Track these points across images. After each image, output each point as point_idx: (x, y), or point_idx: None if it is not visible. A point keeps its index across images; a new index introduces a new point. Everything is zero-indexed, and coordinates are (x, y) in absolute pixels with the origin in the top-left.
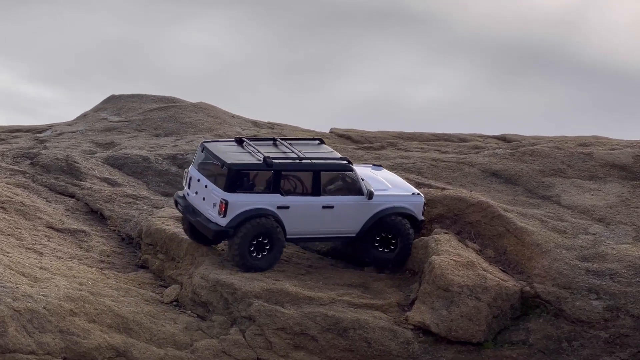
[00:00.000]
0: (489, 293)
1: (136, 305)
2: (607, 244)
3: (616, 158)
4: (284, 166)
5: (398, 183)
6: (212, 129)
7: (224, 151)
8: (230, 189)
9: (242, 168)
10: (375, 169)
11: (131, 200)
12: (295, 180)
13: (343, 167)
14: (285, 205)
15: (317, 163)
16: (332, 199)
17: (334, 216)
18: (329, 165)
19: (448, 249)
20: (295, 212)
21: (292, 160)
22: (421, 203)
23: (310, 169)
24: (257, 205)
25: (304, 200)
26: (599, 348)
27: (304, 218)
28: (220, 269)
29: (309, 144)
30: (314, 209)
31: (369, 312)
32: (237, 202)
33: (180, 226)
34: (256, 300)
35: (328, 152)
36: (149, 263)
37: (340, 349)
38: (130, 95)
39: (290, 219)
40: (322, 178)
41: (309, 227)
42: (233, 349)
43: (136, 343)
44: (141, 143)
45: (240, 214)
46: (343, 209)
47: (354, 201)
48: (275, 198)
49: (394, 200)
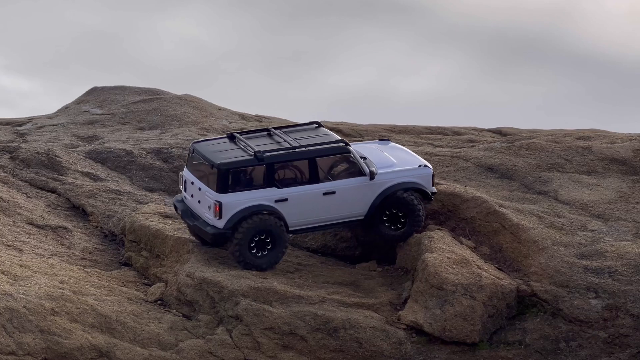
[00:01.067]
0: (484, 292)
1: (119, 304)
2: (606, 241)
3: (615, 152)
4: (276, 158)
5: (405, 157)
6: (198, 121)
7: (213, 150)
8: (222, 190)
9: (231, 167)
10: (382, 143)
11: (114, 195)
12: (292, 170)
13: (339, 150)
14: (283, 197)
15: (311, 150)
16: (332, 185)
17: (337, 202)
18: (324, 150)
19: (442, 246)
20: (295, 203)
21: (284, 151)
22: (429, 175)
23: (304, 157)
24: (253, 203)
25: (302, 190)
26: (597, 348)
27: (305, 208)
28: (206, 266)
29: (305, 129)
30: (314, 198)
31: (360, 311)
32: (232, 202)
33: (165, 222)
34: (243, 299)
35: (325, 135)
36: (132, 260)
37: (330, 349)
38: (113, 87)
39: (290, 211)
40: (319, 164)
41: (311, 217)
42: (219, 349)
43: (119, 343)
44: (124, 136)
45: (236, 213)
46: (345, 193)
47: (356, 183)
48: (272, 192)
49: (400, 176)
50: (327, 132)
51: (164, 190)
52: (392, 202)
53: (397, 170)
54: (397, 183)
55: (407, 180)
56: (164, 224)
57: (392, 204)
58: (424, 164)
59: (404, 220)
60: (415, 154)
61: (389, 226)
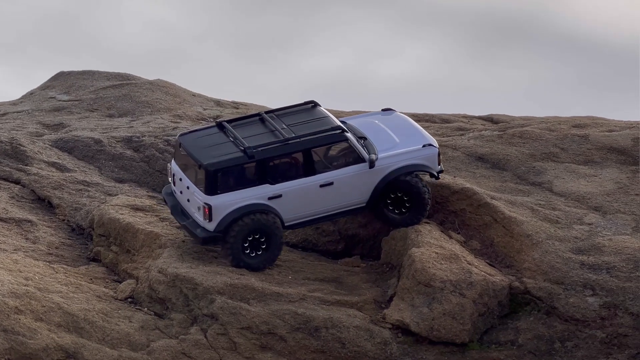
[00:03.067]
0: (475, 289)
1: (87, 302)
2: (603, 235)
3: (614, 140)
4: (267, 153)
5: (409, 133)
6: (171, 108)
7: (200, 146)
8: (211, 192)
9: (220, 167)
10: (386, 114)
11: (82, 187)
12: (285, 163)
13: (335, 138)
14: (277, 194)
15: (305, 141)
16: (329, 175)
17: (335, 192)
18: (319, 140)
19: (429, 241)
20: (290, 198)
21: (276, 145)
22: (434, 154)
23: (298, 149)
24: (245, 202)
25: (297, 184)
26: (595, 349)
27: (301, 202)
28: (179, 262)
29: (301, 110)
30: (310, 191)
31: (342, 309)
32: (222, 204)
33: (136, 215)
34: (219, 297)
35: (322, 120)
36: (101, 256)
37: (311, 350)
38: (81, 72)
39: (285, 207)
40: (314, 155)
41: (309, 210)
42: (193, 350)
43: (87, 344)
44: (93, 124)
45: (227, 215)
46: (344, 182)
47: (356, 171)
48: (264, 189)
49: (403, 159)
50: (324, 115)
51: (134, 181)
52: (396, 186)
53: (400, 152)
54: (400, 167)
55: (411, 162)
56: (135, 217)
57: (396, 188)
58: (429, 142)
59: (409, 205)
60: (420, 128)
61: (392, 210)
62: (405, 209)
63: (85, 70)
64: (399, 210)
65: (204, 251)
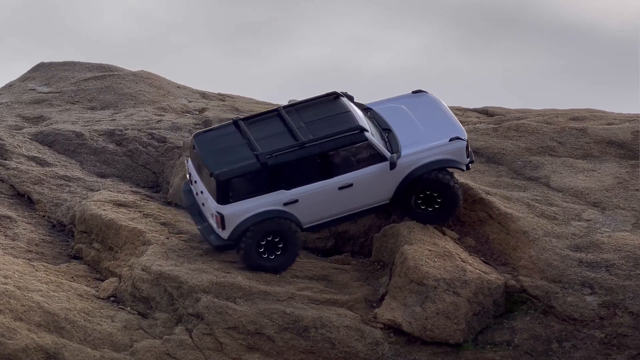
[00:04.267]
0: (469, 287)
1: (68, 301)
2: (602, 232)
3: (613, 134)
4: (282, 159)
5: (437, 122)
6: (155, 101)
7: (213, 149)
8: (223, 201)
9: (230, 176)
10: (415, 97)
11: (63, 182)
12: (300, 166)
13: (354, 140)
14: (293, 199)
15: (322, 144)
16: (348, 177)
17: (355, 193)
18: (337, 143)
19: (422, 237)
20: (307, 203)
21: (291, 150)
22: (462, 148)
23: (315, 153)
24: (259, 210)
25: (314, 188)
26: (593, 350)
27: (319, 206)
28: (164, 259)
29: (321, 103)
30: (329, 194)
31: (332, 308)
32: (235, 213)
33: (119, 211)
34: (204, 296)
35: (341, 115)
36: (83, 253)
37: (300, 350)
38: (62, 62)
39: (302, 211)
40: (331, 157)
41: (328, 212)
42: (178, 350)
43: (68, 344)
44: (74, 117)
45: (241, 224)
46: (364, 183)
47: (376, 171)
48: (279, 195)
49: (428, 155)
50: (345, 110)
51: (117, 176)
52: (425, 183)
53: (425, 148)
54: (425, 163)
55: (436, 158)
56: (118, 213)
57: (426, 186)
58: (456, 135)
59: (440, 202)
60: (450, 115)
61: (425, 209)
62: (436, 206)
63: (66, 61)
64: (430, 208)
65: (189, 248)
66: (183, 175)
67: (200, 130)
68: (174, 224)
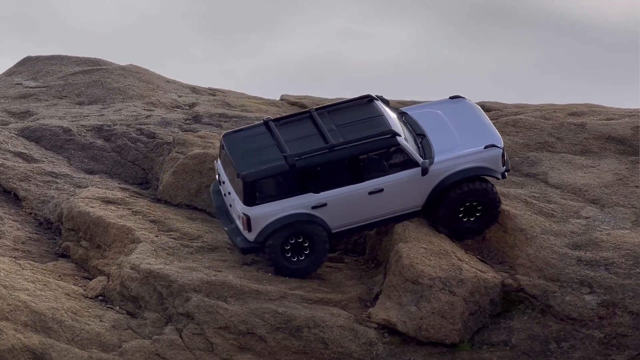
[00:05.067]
0: (465, 286)
1: (56, 300)
2: (602, 230)
3: (612, 130)
4: (311, 162)
5: (473, 128)
6: (144, 95)
7: (242, 150)
8: (250, 202)
9: (258, 178)
10: (453, 103)
11: (50, 178)
12: (330, 169)
13: (385, 144)
14: (322, 203)
15: (352, 147)
16: (379, 182)
17: (386, 199)
18: (368, 146)
19: (417, 235)
20: (336, 207)
21: (320, 153)
22: (498, 155)
23: (344, 157)
24: (286, 212)
25: (343, 192)
26: (592, 350)
27: (348, 210)
28: (153, 257)
29: (354, 106)
30: (358, 198)
31: (325, 308)
32: (262, 215)
33: (107, 208)
34: (195, 295)
35: (374, 118)
36: (70, 251)
37: (292, 350)
38: (49, 56)
39: (330, 216)
40: (362, 161)
41: (357, 217)
42: (168, 350)
43: (56, 344)
44: (62, 112)
45: (267, 226)
46: (395, 189)
47: (408, 177)
48: (308, 198)
49: (461, 163)
50: (379, 113)
51: (105, 172)
52: (466, 194)
53: (459, 155)
54: (458, 171)
55: (470, 166)
56: (106, 210)
57: (467, 196)
58: (492, 143)
59: (481, 210)
60: (487, 121)
61: (466, 220)
62: (479, 215)
63: (54, 55)
64: (471, 218)
65: (180, 247)
66: (172, 172)
67: (229, 130)
68: (163, 221)
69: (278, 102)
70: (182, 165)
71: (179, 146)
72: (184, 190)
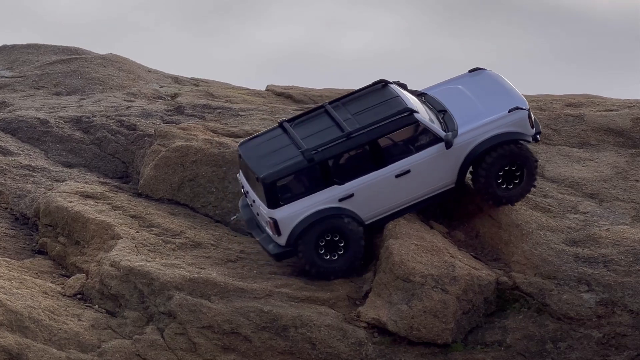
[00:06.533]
0: (458, 284)
1: (32, 298)
2: (600, 225)
3: (611, 121)
4: (329, 153)
5: (495, 96)
6: (125, 85)
7: (259, 154)
8: (273, 205)
9: (276, 178)
10: (473, 75)
11: (26, 172)
12: (351, 158)
13: (402, 123)
14: (348, 194)
15: (369, 132)
16: (404, 163)
17: (415, 180)
18: (385, 128)
19: (408, 231)
20: (364, 196)
21: (337, 142)
22: (524, 117)
23: (363, 142)
24: (313, 209)
25: (369, 179)
26: (590, 350)
27: (377, 198)
28: (134, 254)
29: (369, 93)
30: (386, 184)
31: (313, 307)
32: (288, 216)
33: (86, 203)
34: (177, 293)
35: (389, 101)
36: (47, 248)
37: (278, 351)
38: (25, 45)
39: (360, 206)
40: (382, 144)
41: (388, 204)
42: (149, 351)
43: (32, 344)
44: (39, 103)
45: (296, 226)
46: (423, 168)
47: (433, 153)
48: (333, 191)
49: (487, 130)
50: (393, 95)
51: (84, 165)
52: (505, 157)
53: (483, 123)
54: (486, 139)
55: (498, 132)
56: (85, 205)
57: (507, 161)
58: (515, 105)
59: (519, 176)
60: (510, 86)
61: (505, 187)
62: (516, 182)
63: (30, 43)
64: (511, 185)
65: (161, 243)
66: (153, 166)
67: (244, 139)
68: (144, 216)
69: (264, 92)
70: (164, 158)
71: (161, 138)
72: (166, 185)
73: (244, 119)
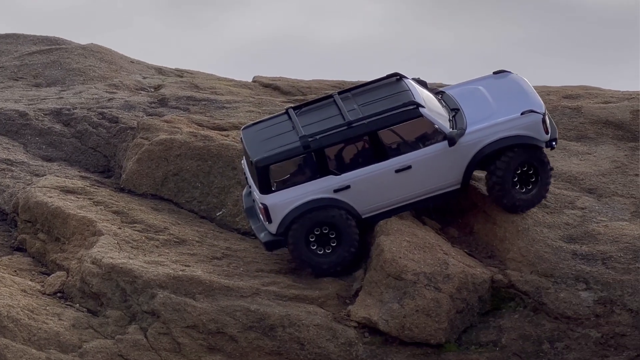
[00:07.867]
0: (452, 282)
1: (11, 297)
2: (598, 221)
3: (610, 113)
4: (326, 141)
5: (512, 99)
6: (106, 77)
7: (257, 140)
8: (265, 190)
9: (270, 162)
10: (498, 77)
11: (5, 166)
12: (350, 149)
13: (405, 116)
14: (344, 185)
15: (370, 122)
16: (405, 158)
17: (415, 177)
18: (387, 120)
19: (400, 228)
20: (361, 189)
21: (336, 130)
22: (537, 121)
23: (363, 133)
24: (306, 198)
25: (367, 172)
26: (588, 350)
27: (374, 192)
28: (116, 251)
29: (381, 86)
30: (384, 178)
31: (301, 305)
32: (280, 203)
33: (66, 198)
34: (161, 291)
35: (398, 94)
36: (27, 244)
37: (265, 351)
38: (3, 35)
39: (356, 199)
40: (384, 137)
41: (387, 199)
42: (132, 351)
43: (11, 344)
44: (17, 95)
45: (288, 214)
46: (425, 165)
47: (437, 150)
48: (329, 181)
49: (496, 131)
50: (404, 89)
51: (64, 159)
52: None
53: (493, 124)
54: (494, 140)
55: (507, 134)
56: (65, 201)
57: (524, 161)
58: (529, 108)
59: (535, 179)
60: (531, 91)
61: (520, 190)
62: (532, 184)
63: (9, 33)
64: (527, 188)
65: (144, 239)
66: (136, 160)
67: (248, 123)
68: (127, 212)
69: (250, 83)
70: (147, 152)
71: (144, 131)
72: (149, 179)
73: (230, 111)
